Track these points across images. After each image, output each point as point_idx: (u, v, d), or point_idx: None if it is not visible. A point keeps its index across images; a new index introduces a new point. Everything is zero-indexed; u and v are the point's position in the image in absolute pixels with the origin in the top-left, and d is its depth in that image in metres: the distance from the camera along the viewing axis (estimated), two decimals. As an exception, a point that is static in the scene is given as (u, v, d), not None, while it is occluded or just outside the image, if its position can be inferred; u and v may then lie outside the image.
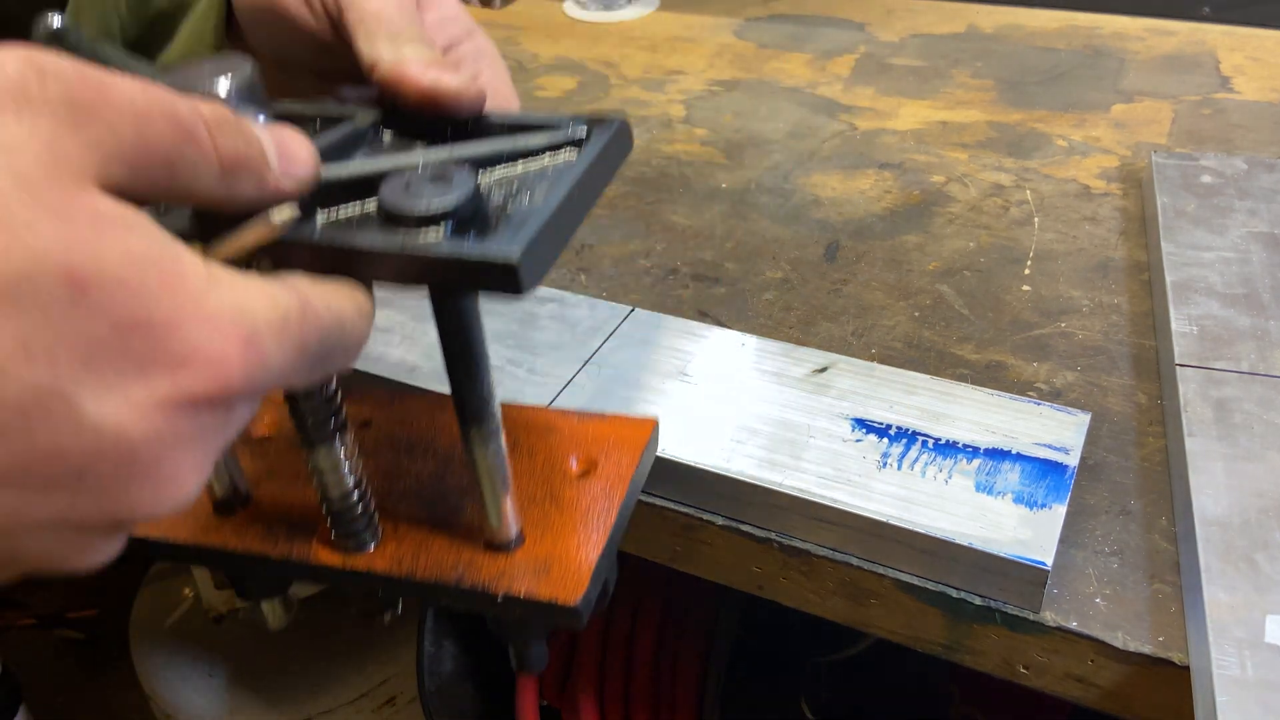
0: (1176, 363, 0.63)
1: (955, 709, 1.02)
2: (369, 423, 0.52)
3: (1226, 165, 0.83)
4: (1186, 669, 0.50)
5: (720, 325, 0.74)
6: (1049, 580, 0.52)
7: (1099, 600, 0.53)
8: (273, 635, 1.19)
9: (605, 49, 1.23)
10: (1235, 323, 0.66)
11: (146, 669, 1.20)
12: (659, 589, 0.96)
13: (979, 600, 0.54)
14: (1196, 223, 0.77)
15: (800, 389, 0.63)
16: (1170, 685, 0.51)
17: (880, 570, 0.56)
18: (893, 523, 0.54)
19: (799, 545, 0.58)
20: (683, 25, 1.28)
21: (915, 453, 0.58)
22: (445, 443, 0.49)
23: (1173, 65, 1.10)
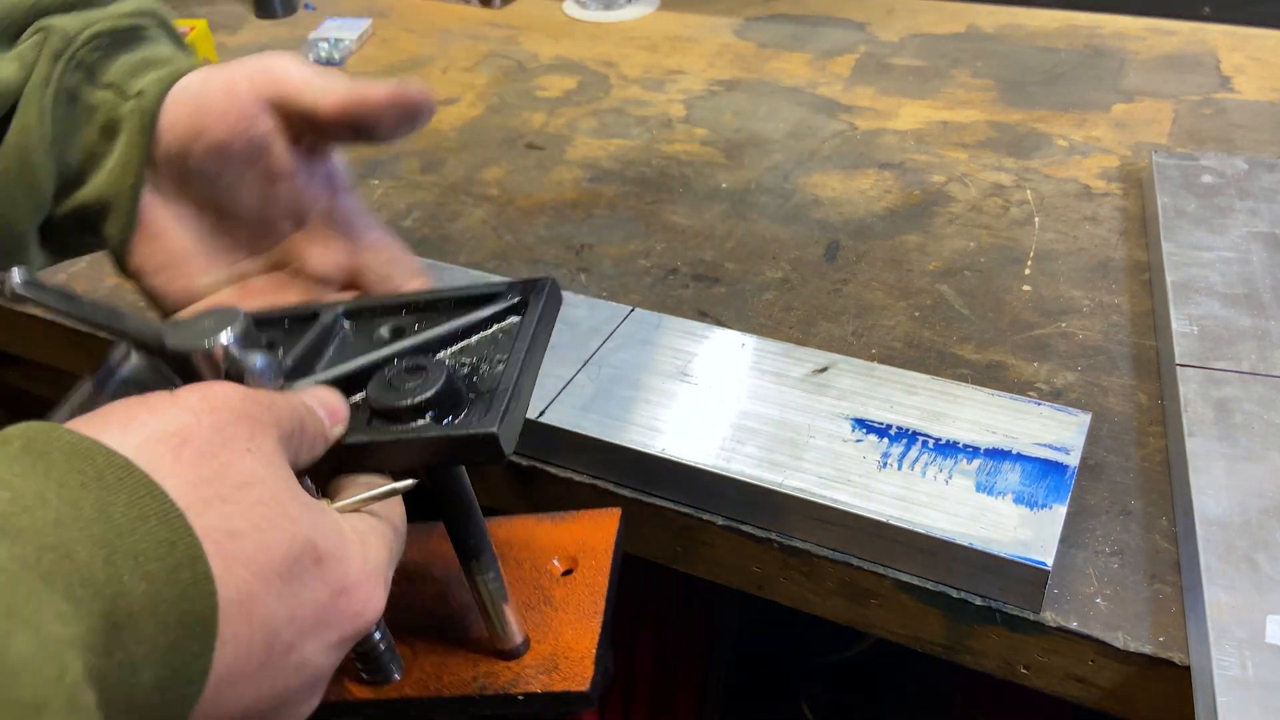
0: (1177, 363, 0.63)
1: (955, 709, 1.02)
2: None
3: (1227, 165, 0.83)
4: (1187, 669, 0.50)
5: (720, 325, 0.74)
6: (1049, 580, 0.52)
7: (1099, 600, 0.53)
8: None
9: (605, 49, 1.23)
10: (1236, 323, 0.66)
11: None
12: (659, 589, 0.96)
13: (979, 600, 0.54)
14: (1197, 223, 0.76)
15: (800, 389, 0.63)
16: (1171, 685, 0.51)
17: (880, 570, 0.56)
18: (893, 523, 0.54)
19: (799, 545, 0.58)
20: (683, 25, 1.28)
21: (915, 453, 0.58)
22: (440, 568, 0.55)
23: (1173, 65, 1.10)
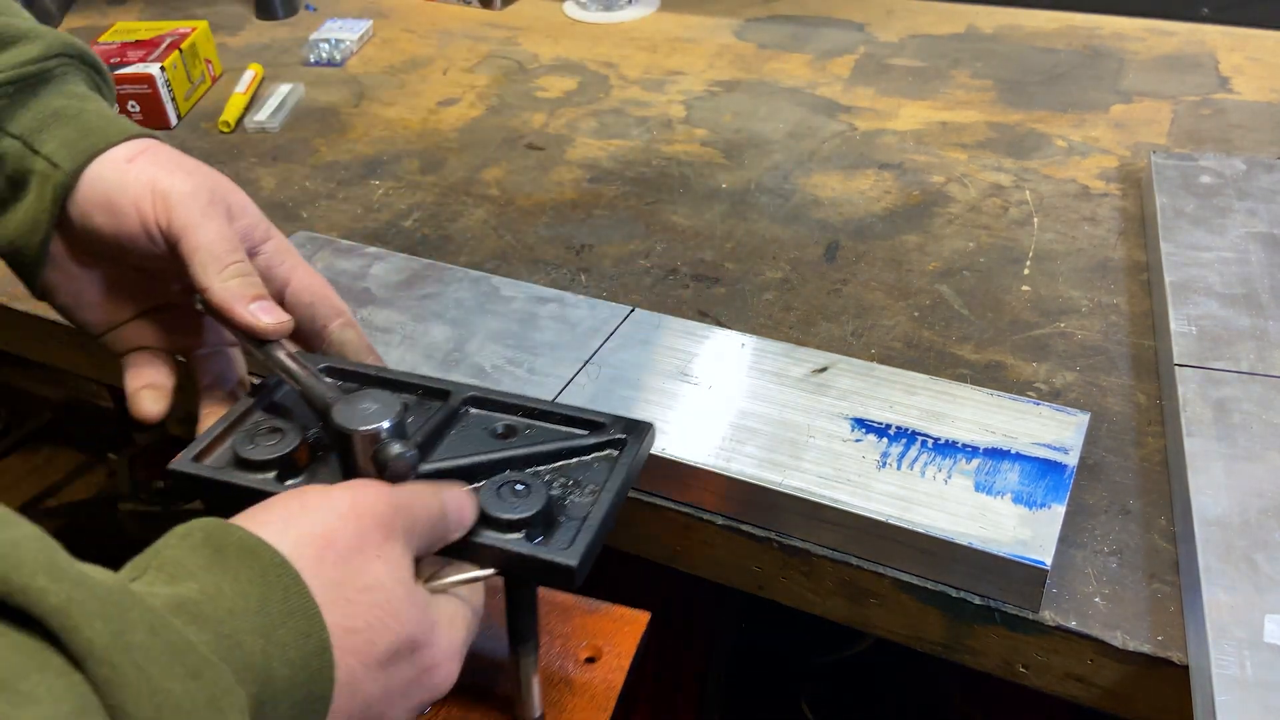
0: (1175, 363, 0.64)
1: (955, 709, 1.03)
2: None
3: (1225, 165, 0.83)
4: (1186, 668, 0.50)
5: (720, 325, 0.74)
6: (1048, 580, 0.52)
7: (1098, 600, 0.54)
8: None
9: (605, 49, 1.23)
10: (1234, 323, 0.66)
11: None
12: (659, 588, 0.96)
13: (978, 600, 0.54)
14: (1196, 223, 0.77)
15: (800, 389, 0.63)
16: (1169, 685, 0.51)
17: (880, 570, 0.56)
18: (892, 522, 0.54)
19: (799, 545, 0.58)
20: (683, 26, 1.29)
21: (915, 453, 0.58)
22: (486, 622, 0.61)
23: (1172, 65, 1.10)
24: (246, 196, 0.56)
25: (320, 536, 0.39)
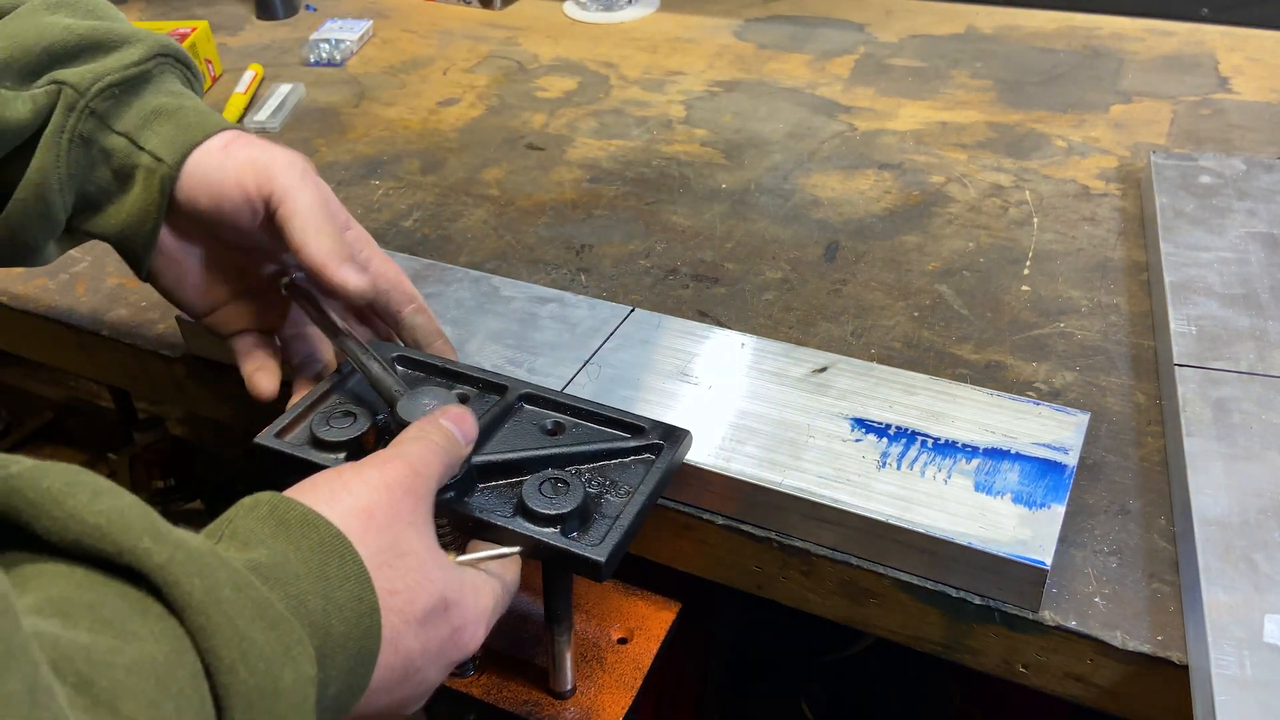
0: (1175, 363, 0.64)
1: (955, 709, 1.03)
2: None
3: (1225, 166, 0.83)
4: (1185, 668, 0.50)
5: (720, 325, 0.74)
6: (1048, 579, 0.52)
7: (1098, 600, 0.54)
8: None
9: (605, 50, 1.23)
10: (1234, 323, 0.66)
11: None
12: (659, 588, 0.96)
13: (978, 600, 0.54)
14: (1195, 223, 0.77)
15: (800, 389, 0.63)
16: (1169, 684, 0.51)
17: (880, 570, 0.56)
18: (892, 522, 0.54)
19: (798, 545, 0.58)
20: (683, 26, 1.29)
21: (915, 452, 0.58)
22: (528, 599, 0.66)
23: (1171, 66, 1.10)
24: (335, 198, 0.60)
25: (363, 510, 0.43)
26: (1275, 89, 1.04)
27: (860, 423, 0.60)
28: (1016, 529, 0.53)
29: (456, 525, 0.52)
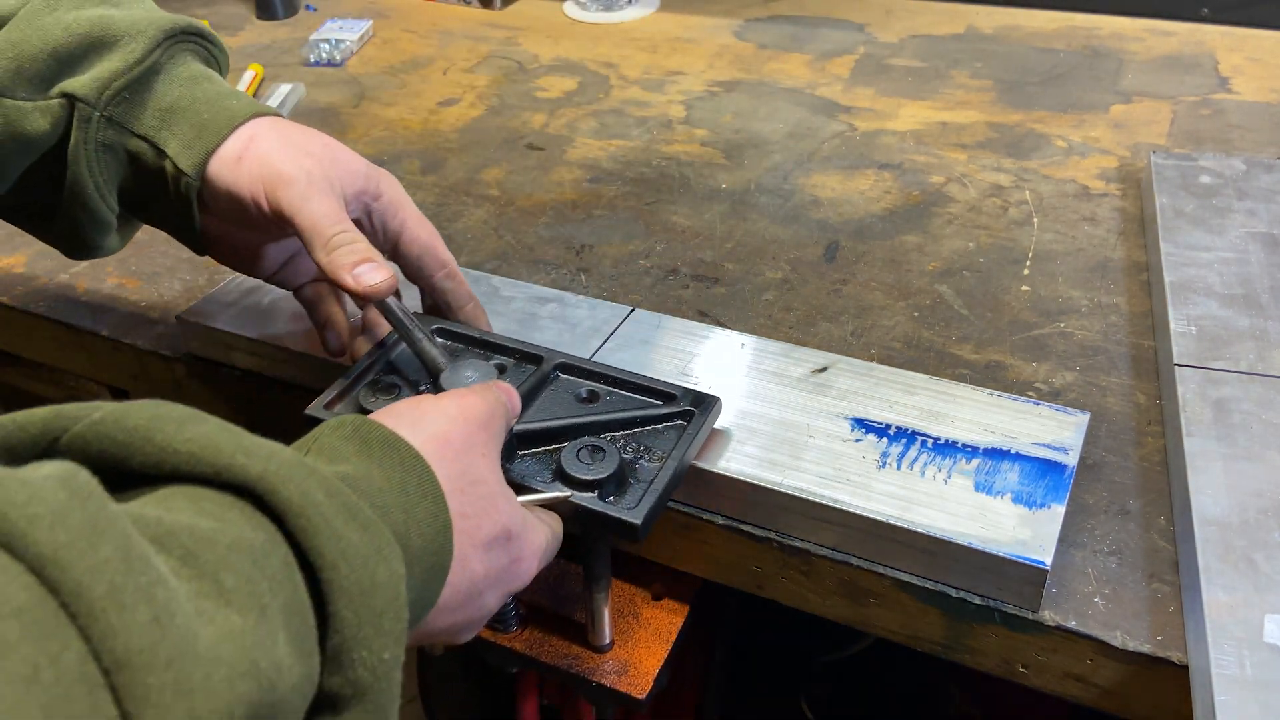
0: (1175, 363, 0.64)
1: (955, 709, 1.03)
2: None
3: (1225, 166, 0.83)
4: (1185, 668, 0.50)
5: (720, 325, 0.74)
6: (1048, 580, 0.52)
7: (1098, 600, 0.54)
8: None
9: (605, 50, 1.23)
10: (1234, 323, 0.66)
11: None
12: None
13: (978, 600, 0.54)
14: (1195, 223, 0.77)
15: (800, 389, 0.63)
16: (1169, 684, 0.51)
17: (880, 570, 0.56)
18: (892, 522, 0.54)
19: (798, 545, 0.58)
20: (683, 26, 1.29)
21: (915, 452, 0.58)
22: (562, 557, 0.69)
23: (1171, 66, 1.10)
24: (353, 157, 0.61)
25: (440, 436, 0.46)
26: (1275, 89, 1.04)
27: (860, 423, 0.60)
28: (1016, 529, 0.53)
29: None
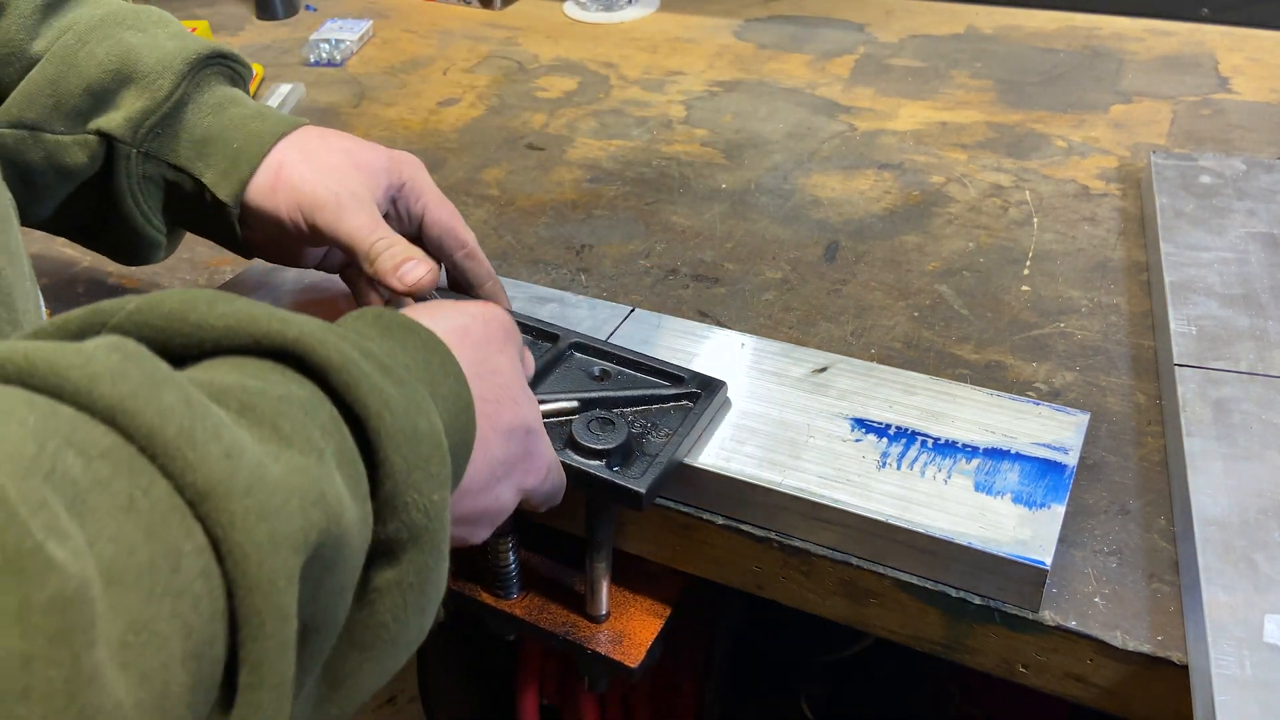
0: (1175, 363, 0.64)
1: (955, 709, 1.03)
2: None
3: (1225, 166, 0.83)
4: (1185, 668, 0.50)
5: (720, 325, 0.74)
6: (1048, 580, 0.52)
7: (1098, 600, 0.54)
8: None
9: (605, 50, 1.23)
10: (1234, 323, 0.66)
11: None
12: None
13: (978, 600, 0.54)
14: (1195, 223, 0.77)
15: (800, 389, 0.63)
16: (1169, 684, 0.51)
17: (880, 570, 0.56)
18: (892, 522, 0.54)
19: (799, 545, 0.58)
20: (683, 26, 1.29)
21: (915, 452, 0.58)
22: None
23: (1171, 66, 1.10)
24: (372, 153, 0.63)
25: (459, 328, 0.48)
26: (1275, 89, 1.04)
27: (860, 423, 0.60)
28: (1016, 529, 0.53)
29: None
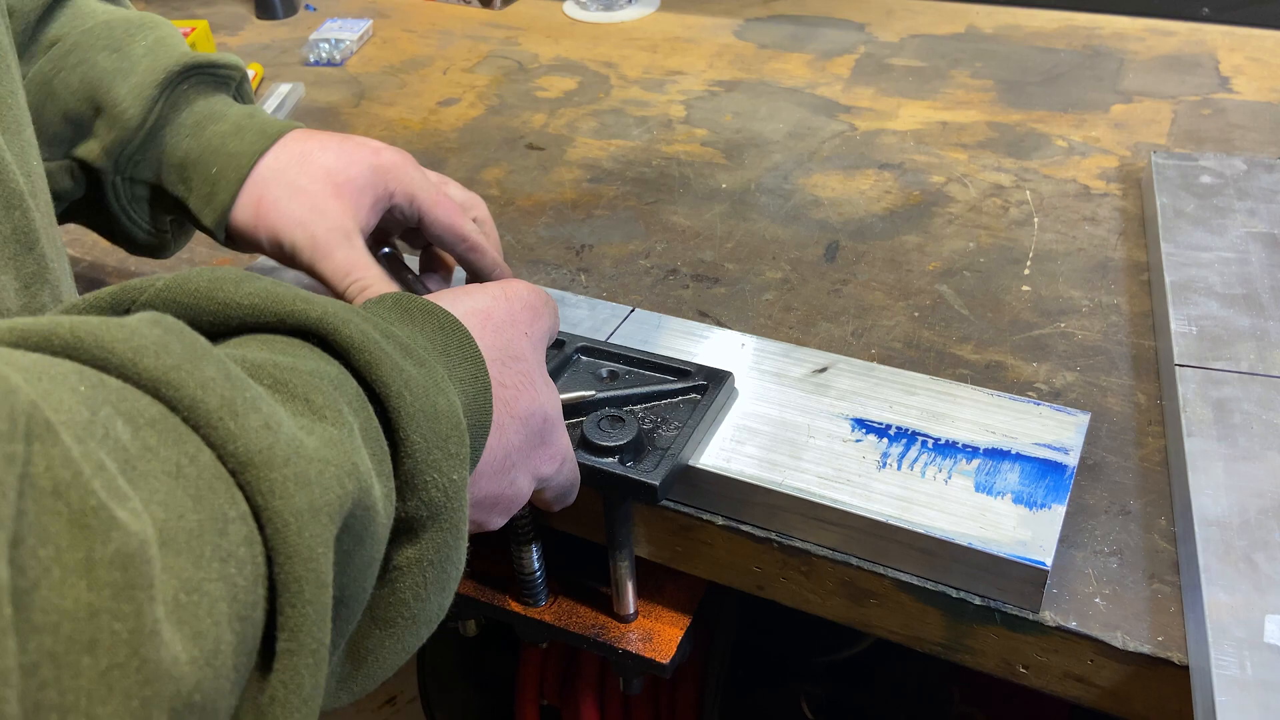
0: (1176, 363, 0.64)
1: (955, 709, 1.03)
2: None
3: (1226, 165, 0.83)
4: (1186, 669, 0.50)
5: (720, 325, 0.74)
6: (1048, 580, 0.52)
7: (1098, 600, 0.54)
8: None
9: (605, 49, 1.23)
10: (1234, 323, 0.66)
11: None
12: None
13: (978, 600, 0.54)
14: (1196, 223, 0.77)
15: (800, 389, 0.63)
16: (1169, 685, 0.51)
17: (880, 570, 0.56)
18: (892, 523, 0.54)
19: (799, 545, 0.58)
20: (683, 26, 1.29)
21: (915, 453, 0.58)
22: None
23: (1172, 65, 1.10)
24: (356, 167, 0.61)
25: (480, 310, 0.48)
26: (1276, 89, 1.04)
27: (860, 423, 0.60)
28: (1017, 529, 0.53)
29: None
